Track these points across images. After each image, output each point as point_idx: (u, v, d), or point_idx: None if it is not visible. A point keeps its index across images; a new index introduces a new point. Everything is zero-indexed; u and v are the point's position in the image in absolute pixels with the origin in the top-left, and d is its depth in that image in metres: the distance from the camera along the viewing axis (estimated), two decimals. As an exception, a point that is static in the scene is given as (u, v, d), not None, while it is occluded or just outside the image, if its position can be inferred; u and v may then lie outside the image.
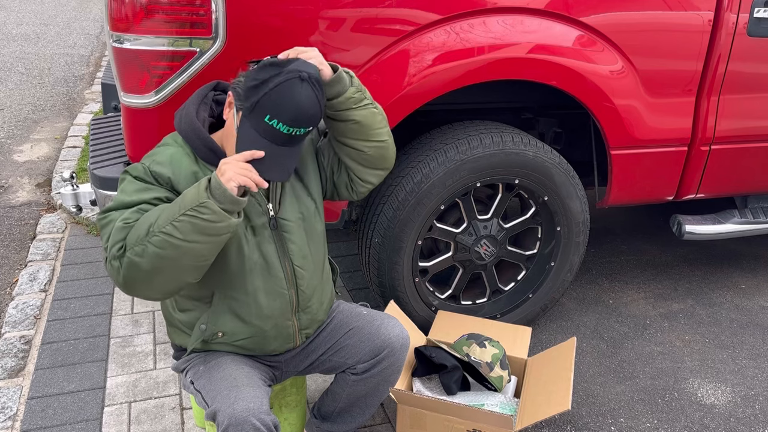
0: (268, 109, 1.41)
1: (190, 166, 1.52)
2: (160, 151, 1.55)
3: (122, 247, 1.40)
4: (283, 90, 1.41)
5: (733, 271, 3.22)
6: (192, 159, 1.53)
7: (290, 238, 1.64)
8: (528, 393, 2.02)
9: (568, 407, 1.72)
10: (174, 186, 1.50)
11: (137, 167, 1.51)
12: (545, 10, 2.05)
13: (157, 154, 1.53)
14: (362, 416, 1.90)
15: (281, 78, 1.41)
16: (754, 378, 2.44)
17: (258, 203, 1.58)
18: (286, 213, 1.63)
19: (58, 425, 2.05)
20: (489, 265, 2.44)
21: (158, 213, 1.40)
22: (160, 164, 1.51)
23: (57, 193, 3.63)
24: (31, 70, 6.30)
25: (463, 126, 2.26)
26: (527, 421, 1.86)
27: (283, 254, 1.63)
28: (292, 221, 1.64)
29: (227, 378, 1.56)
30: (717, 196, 2.66)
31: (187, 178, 1.51)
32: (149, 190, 1.48)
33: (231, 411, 1.46)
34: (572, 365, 1.95)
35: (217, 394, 1.52)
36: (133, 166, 1.51)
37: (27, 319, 2.56)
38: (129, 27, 1.80)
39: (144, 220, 1.40)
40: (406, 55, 1.97)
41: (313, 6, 1.86)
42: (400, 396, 1.90)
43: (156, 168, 1.50)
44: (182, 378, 1.71)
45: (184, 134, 1.54)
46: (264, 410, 1.48)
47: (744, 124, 2.45)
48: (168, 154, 1.52)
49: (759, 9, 2.24)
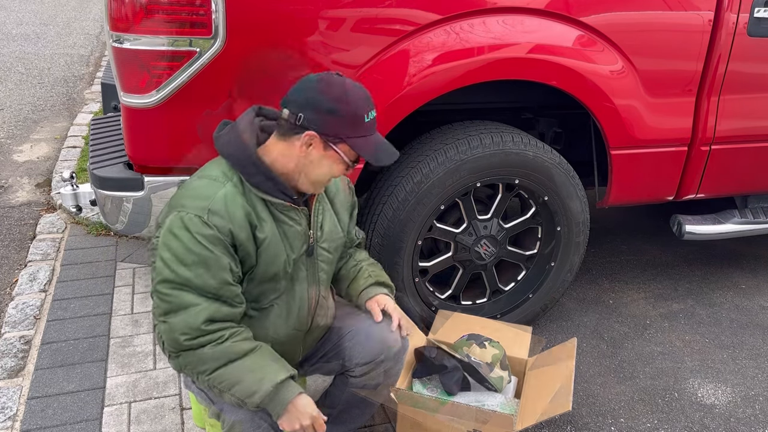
0: (360, 109, 1.46)
1: (243, 208, 1.45)
2: (209, 193, 1.43)
3: (177, 355, 1.45)
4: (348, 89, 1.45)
5: (733, 271, 3.22)
6: (241, 194, 1.46)
7: (323, 267, 1.66)
8: (528, 393, 2.02)
9: (569, 408, 1.72)
10: (234, 237, 1.43)
11: (193, 221, 1.39)
12: (545, 10, 2.05)
13: (209, 200, 1.42)
14: (361, 418, 1.90)
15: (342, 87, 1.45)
16: (754, 378, 2.44)
17: (303, 232, 1.57)
18: (324, 242, 1.64)
19: (58, 425, 2.05)
20: (489, 265, 2.44)
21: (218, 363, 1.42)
22: (217, 215, 1.41)
23: (57, 193, 3.63)
24: (31, 70, 6.30)
25: (463, 126, 2.26)
26: (528, 421, 1.86)
27: (312, 282, 1.65)
28: (328, 251, 1.67)
29: None
30: (717, 196, 2.66)
31: (242, 226, 1.44)
32: (213, 264, 1.40)
33: (237, 408, 1.47)
34: (573, 366, 1.95)
35: None
36: (188, 219, 1.40)
37: (27, 319, 2.56)
38: (129, 27, 1.79)
39: (204, 357, 1.43)
40: (406, 55, 1.96)
41: (313, 6, 1.86)
42: (400, 395, 1.90)
43: (216, 221, 1.40)
44: (183, 377, 1.70)
45: (236, 161, 1.47)
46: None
47: (744, 124, 2.45)
48: (221, 200, 1.42)
49: (759, 9, 2.24)
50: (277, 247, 1.51)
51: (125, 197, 2.01)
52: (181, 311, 1.41)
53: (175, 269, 1.40)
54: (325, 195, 1.67)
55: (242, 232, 1.44)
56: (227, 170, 1.48)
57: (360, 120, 1.46)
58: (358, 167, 2.10)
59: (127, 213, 2.04)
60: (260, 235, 1.48)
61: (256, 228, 1.47)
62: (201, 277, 1.40)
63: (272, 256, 1.50)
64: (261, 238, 1.48)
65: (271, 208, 1.50)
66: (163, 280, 1.41)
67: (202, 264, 1.40)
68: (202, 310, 1.41)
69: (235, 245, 1.45)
